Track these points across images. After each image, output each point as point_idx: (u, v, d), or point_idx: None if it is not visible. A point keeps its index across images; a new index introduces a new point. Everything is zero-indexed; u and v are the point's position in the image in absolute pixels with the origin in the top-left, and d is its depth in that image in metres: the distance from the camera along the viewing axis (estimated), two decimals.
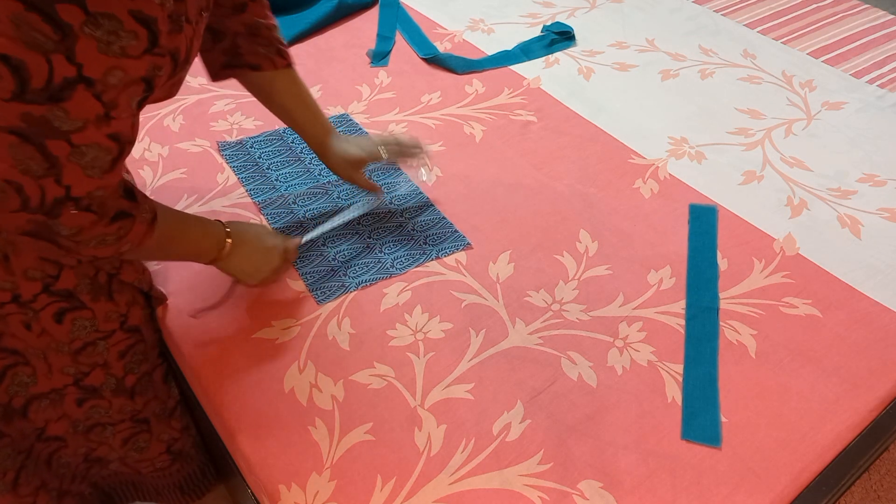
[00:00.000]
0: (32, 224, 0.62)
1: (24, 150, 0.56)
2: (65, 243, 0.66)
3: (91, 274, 0.80)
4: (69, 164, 0.59)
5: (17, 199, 0.59)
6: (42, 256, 0.69)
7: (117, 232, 0.68)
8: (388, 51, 1.44)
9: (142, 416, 0.94)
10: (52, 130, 0.56)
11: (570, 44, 1.47)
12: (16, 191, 0.59)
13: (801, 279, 0.98)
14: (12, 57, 0.51)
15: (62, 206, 0.61)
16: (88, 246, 0.67)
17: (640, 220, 1.07)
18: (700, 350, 0.89)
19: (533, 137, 1.23)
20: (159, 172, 1.13)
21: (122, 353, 0.88)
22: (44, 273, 0.75)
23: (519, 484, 0.76)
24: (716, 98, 1.32)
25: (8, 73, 0.52)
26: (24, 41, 0.51)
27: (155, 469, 1.01)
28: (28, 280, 0.74)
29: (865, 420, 0.83)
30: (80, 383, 0.86)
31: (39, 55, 0.52)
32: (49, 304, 0.77)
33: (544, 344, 0.90)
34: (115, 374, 0.88)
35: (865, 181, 1.15)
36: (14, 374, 0.81)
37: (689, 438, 0.80)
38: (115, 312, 0.84)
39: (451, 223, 1.05)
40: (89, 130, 0.58)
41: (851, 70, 1.41)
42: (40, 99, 0.54)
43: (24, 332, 0.77)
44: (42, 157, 0.57)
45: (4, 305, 0.74)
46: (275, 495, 0.76)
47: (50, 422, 0.88)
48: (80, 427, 0.91)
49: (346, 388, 0.85)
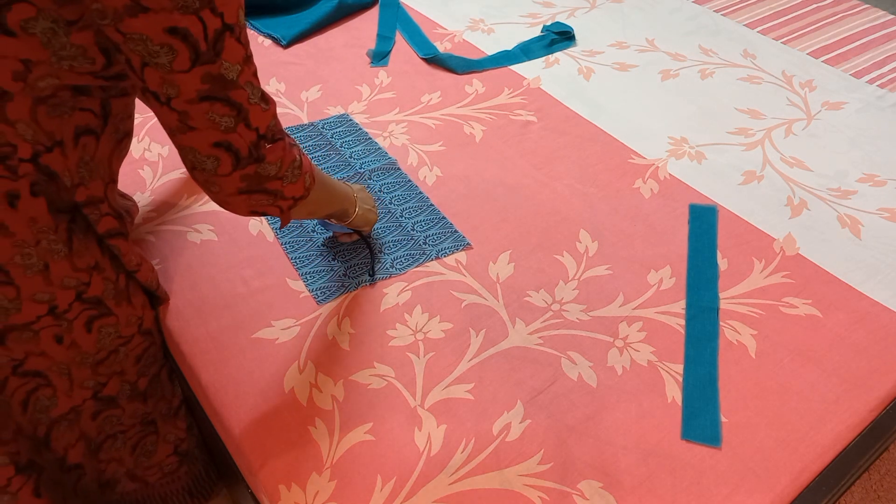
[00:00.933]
0: (245, 180, 0.67)
1: (217, 109, 0.62)
2: (272, 186, 0.70)
3: (114, 278, 0.80)
4: (251, 107, 0.64)
5: (228, 158, 0.65)
6: (252, 210, 0.72)
7: (298, 159, 0.72)
8: (388, 51, 1.44)
9: (150, 418, 0.94)
10: (229, 82, 0.61)
11: (570, 44, 1.47)
12: (226, 150, 0.64)
13: (801, 279, 0.98)
14: (179, 27, 0.56)
15: (260, 147, 0.66)
16: (289, 180, 0.71)
17: (640, 220, 1.07)
18: (700, 350, 0.89)
19: (533, 137, 1.23)
20: (159, 172, 1.13)
21: (138, 357, 0.87)
22: (78, 281, 0.75)
23: (519, 484, 0.76)
24: (716, 98, 1.32)
25: (181, 44, 0.57)
26: (178, 8, 0.55)
27: (163, 475, 1.01)
28: (64, 289, 0.74)
29: (865, 420, 0.83)
30: (99, 395, 0.85)
31: (193, 16, 0.56)
32: (81, 312, 0.77)
33: (544, 344, 0.90)
34: (130, 379, 0.88)
35: (865, 181, 1.15)
36: (36, 399, 0.80)
37: (689, 438, 0.80)
38: (133, 316, 0.84)
39: (451, 223, 1.05)
40: (245, 72, 0.63)
41: (851, 70, 1.41)
42: (210, 58, 0.59)
43: (54, 347, 0.77)
44: (230, 108, 0.62)
45: (40, 319, 0.74)
46: (275, 495, 0.76)
47: (69, 448, 0.87)
48: (93, 446, 0.90)
49: (346, 388, 0.85)
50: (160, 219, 1.06)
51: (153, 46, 0.57)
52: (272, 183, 0.69)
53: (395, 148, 1.20)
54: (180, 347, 0.90)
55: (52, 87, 0.64)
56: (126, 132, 0.79)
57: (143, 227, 1.04)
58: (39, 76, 0.62)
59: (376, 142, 1.20)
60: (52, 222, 0.70)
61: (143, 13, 0.55)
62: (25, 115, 0.64)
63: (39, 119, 0.66)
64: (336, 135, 1.22)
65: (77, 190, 0.72)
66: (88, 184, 0.74)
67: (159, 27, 0.56)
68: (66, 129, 0.69)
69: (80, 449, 0.89)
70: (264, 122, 0.66)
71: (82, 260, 0.75)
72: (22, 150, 0.66)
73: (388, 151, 1.19)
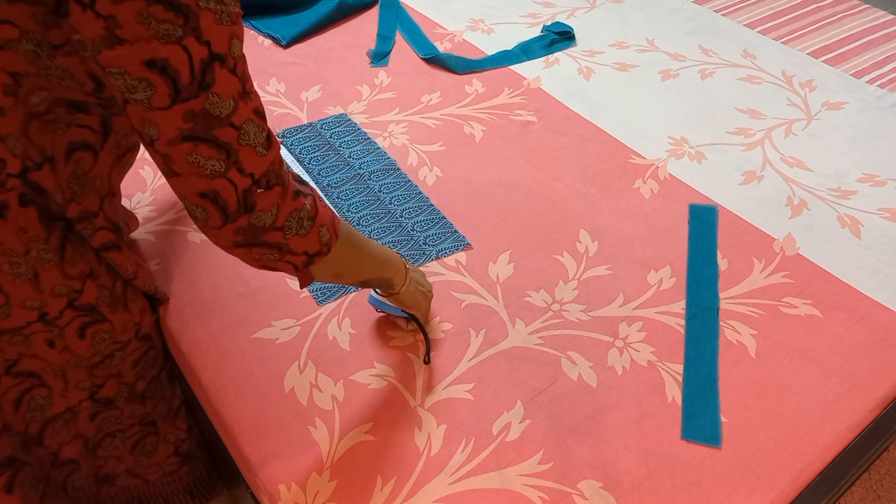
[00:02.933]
0: (241, 234, 0.61)
1: (202, 152, 0.56)
2: (272, 239, 0.63)
3: (109, 285, 0.79)
4: (242, 148, 0.58)
5: (215, 209, 0.59)
6: (262, 264, 0.66)
7: (305, 209, 0.64)
8: (388, 51, 1.44)
9: (149, 419, 0.94)
10: (215, 119, 0.56)
11: (570, 44, 1.47)
12: (212, 202, 0.58)
13: (801, 279, 0.98)
14: (157, 59, 0.52)
15: (253, 193, 0.60)
16: (294, 232, 0.64)
17: (640, 220, 1.07)
18: (700, 350, 0.89)
19: (533, 137, 1.23)
20: (160, 172, 1.13)
21: (136, 361, 0.87)
22: (70, 289, 0.74)
23: (519, 484, 0.76)
24: (716, 98, 1.32)
25: (159, 78, 0.52)
26: (157, 37, 0.51)
27: (164, 474, 1.00)
28: (55, 297, 0.73)
29: (865, 420, 0.83)
30: (95, 396, 0.85)
31: (175, 45, 0.52)
32: (73, 318, 0.76)
33: (544, 344, 0.90)
34: (128, 381, 0.88)
35: (865, 181, 1.15)
36: (30, 398, 0.80)
37: (689, 438, 0.80)
38: (130, 322, 0.84)
39: (450, 223, 1.05)
40: (241, 109, 0.57)
41: (851, 70, 1.41)
42: (193, 92, 0.54)
43: (46, 350, 0.76)
44: (218, 150, 0.57)
45: (30, 325, 0.73)
46: (275, 495, 0.76)
47: (63, 445, 0.87)
48: (91, 444, 0.90)
49: (346, 388, 0.85)
50: (160, 219, 1.06)
51: (131, 81, 0.53)
52: (271, 235, 0.63)
53: (395, 148, 1.20)
54: (180, 347, 0.90)
55: (45, 101, 0.62)
56: (130, 147, 0.77)
57: (143, 227, 1.04)
58: (30, 90, 0.60)
59: (375, 142, 1.20)
60: (43, 232, 0.69)
61: (120, 45, 0.51)
62: (17, 129, 0.63)
63: (31, 134, 0.64)
64: (335, 135, 1.22)
65: (69, 206, 0.71)
66: (81, 199, 0.72)
67: (137, 59, 0.52)
68: (59, 144, 0.67)
69: (77, 446, 0.88)
70: (260, 167, 0.60)
71: (75, 268, 0.74)
72: (11, 166, 0.64)
73: (387, 151, 1.19)
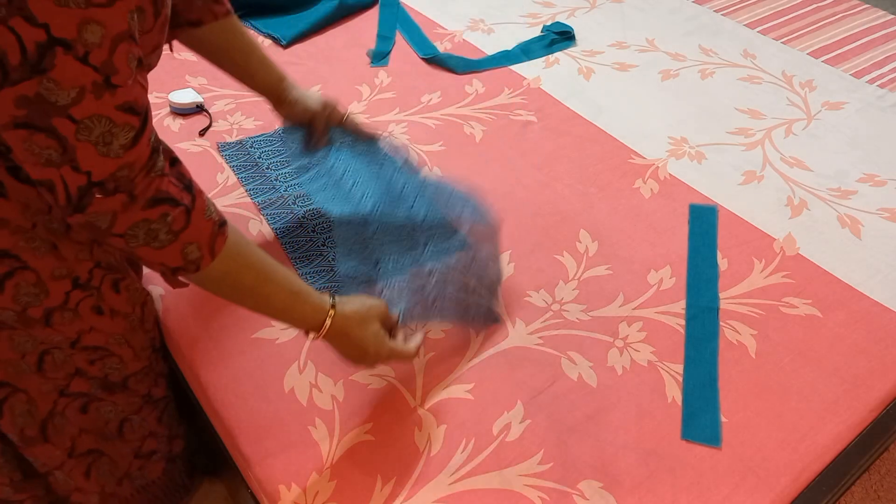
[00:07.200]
0: (84, 228, 0.60)
1: (38, 140, 0.53)
2: (115, 243, 0.61)
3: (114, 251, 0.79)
4: (80, 145, 0.54)
5: (52, 199, 0.58)
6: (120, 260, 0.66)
7: (163, 220, 0.60)
8: (388, 51, 1.44)
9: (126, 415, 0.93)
10: (52, 107, 0.52)
11: (570, 44, 1.47)
12: (48, 190, 0.57)
13: (801, 279, 0.98)
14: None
15: (88, 195, 0.56)
16: (140, 242, 0.61)
17: (640, 220, 1.07)
18: (700, 350, 0.89)
19: (533, 137, 1.23)
20: None
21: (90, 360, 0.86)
22: (87, 252, 0.74)
23: (519, 484, 0.76)
24: (716, 98, 1.32)
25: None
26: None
27: (147, 482, 1.00)
28: (79, 261, 0.73)
29: (865, 420, 0.83)
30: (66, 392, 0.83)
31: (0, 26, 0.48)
32: (104, 277, 0.76)
33: (544, 344, 0.90)
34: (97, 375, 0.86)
35: (865, 181, 1.15)
36: (102, 365, 0.81)
37: (689, 438, 0.80)
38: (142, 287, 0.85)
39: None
40: (88, 101, 0.53)
41: (851, 70, 1.41)
42: (24, 74, 0.50)
43: (97, 319, 0.77)
44: (55, 141, 0.53)
45: (69, 295, 0.72)
46: (274, 495, 0.76)
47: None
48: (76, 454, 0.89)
49: (346, 388, 0.85)
50: None
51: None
52: (113, 239, 0.60)
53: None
54: (180, 347, 0.90)
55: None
56: None
57: None
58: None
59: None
60: (44, 205, 0.68)
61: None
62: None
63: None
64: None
65: None
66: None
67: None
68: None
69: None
70: (102, 168, 0.55)
71: (81, 234, 0.73)
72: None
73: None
